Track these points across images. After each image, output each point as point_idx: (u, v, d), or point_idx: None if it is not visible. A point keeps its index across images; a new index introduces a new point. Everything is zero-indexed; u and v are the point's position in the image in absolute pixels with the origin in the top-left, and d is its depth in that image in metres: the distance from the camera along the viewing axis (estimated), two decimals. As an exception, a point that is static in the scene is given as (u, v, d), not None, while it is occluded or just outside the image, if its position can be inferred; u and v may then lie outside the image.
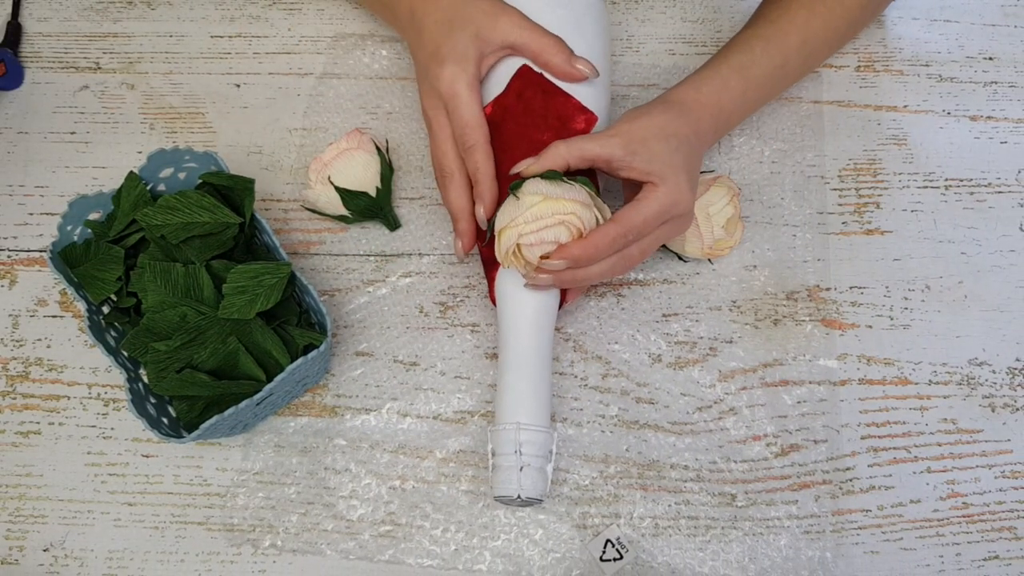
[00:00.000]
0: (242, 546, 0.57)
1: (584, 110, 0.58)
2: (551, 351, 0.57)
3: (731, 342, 0.62)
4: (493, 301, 0.59)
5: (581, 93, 0.59)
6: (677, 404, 0.60)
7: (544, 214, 0.52)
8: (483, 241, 0.59)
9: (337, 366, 0.62)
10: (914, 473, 0.58)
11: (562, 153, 0.53)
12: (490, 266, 0.59)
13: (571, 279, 0.54)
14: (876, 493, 0.58)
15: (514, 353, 0.55)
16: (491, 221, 0.55)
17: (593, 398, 0.60)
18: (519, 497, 0.52)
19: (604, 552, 0.56)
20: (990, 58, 0.71)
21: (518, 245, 0.54)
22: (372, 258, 0.65)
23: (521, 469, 0.53)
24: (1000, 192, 0.66)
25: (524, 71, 0.58)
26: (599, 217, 0.54)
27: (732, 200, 0.61)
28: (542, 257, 0.53)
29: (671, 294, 0.63)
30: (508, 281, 0.57)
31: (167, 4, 0.76)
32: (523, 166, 0.54)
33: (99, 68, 0.73)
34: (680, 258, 0.64)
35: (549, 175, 0.54)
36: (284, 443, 0.60)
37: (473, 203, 0.58)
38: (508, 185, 0.56)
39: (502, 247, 0.54)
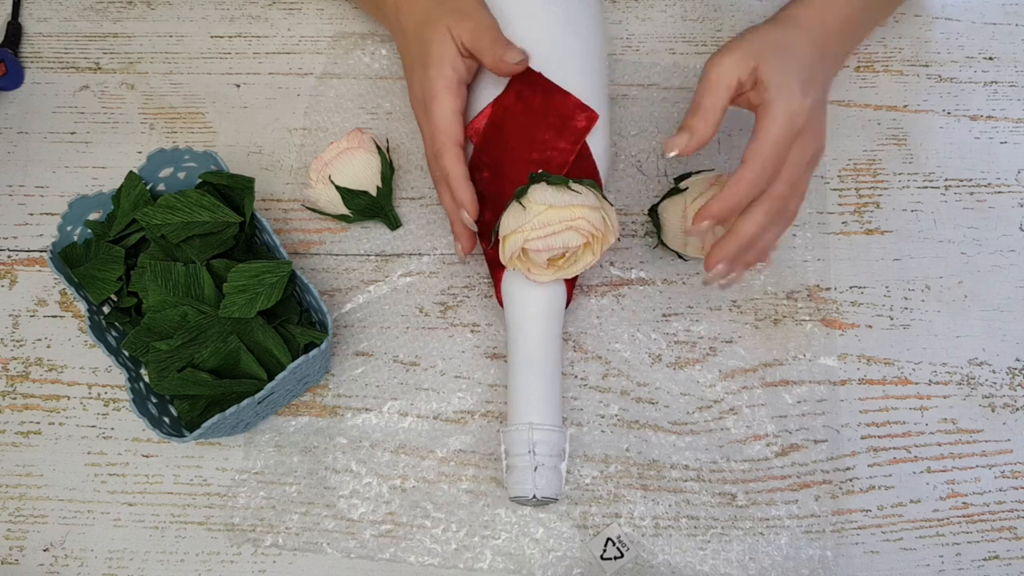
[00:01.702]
0: (242, 546, 0.57)
1: (584, 108, 0.58)
2: (560, 350, 0.57)
3: (731, 342, 0.62)
4: (500, 302, 0.59)
5: (580, 91, 0.59)
6: (677, 404, 0.60)
7: (551, 221, 0.52)
8: (488, 244, 0.59)
9: (337, 366, 0.62)
10: (914, 473, 0.58)
11: (706, 124, 0.51)
12: (496, 267, 0.59)
13: (734, 246, 0.51)
14: (876, 493, 0.58)
15: (524, 353, 0.55)
16: (495, 226, 0.55)
17: (593, 398, 0.60)
18: (534, 497, 0.53)
19: (605, 551, 0.56)
20: (990, 58, 0.71)
21: (523, 249, 0.54)
22: (372, 258, 0.65)
23: (535, 469, 0.53)
24: (1000, 192, 0.66)
25: (522, 71, 0.58)
26: (607, 219, 0.54)
27: None
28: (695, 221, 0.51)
29: (671, 294, 0.63)
30: (515, 282, 0.57)
31: (167, 4, 0.76)
32: (681, 143, 0.50)
33: (99, 68, 0.73)
34: (680, 256, 0.64)
35: (554, 180, 0.54)
36: (285, 442, 0.60)
37: (455, 206, 0.57)
38: (511, 187, 0.56)
39: (507, 251, 0.54)
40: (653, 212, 0.62)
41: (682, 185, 0.60)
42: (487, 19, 0.57)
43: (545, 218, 0.52)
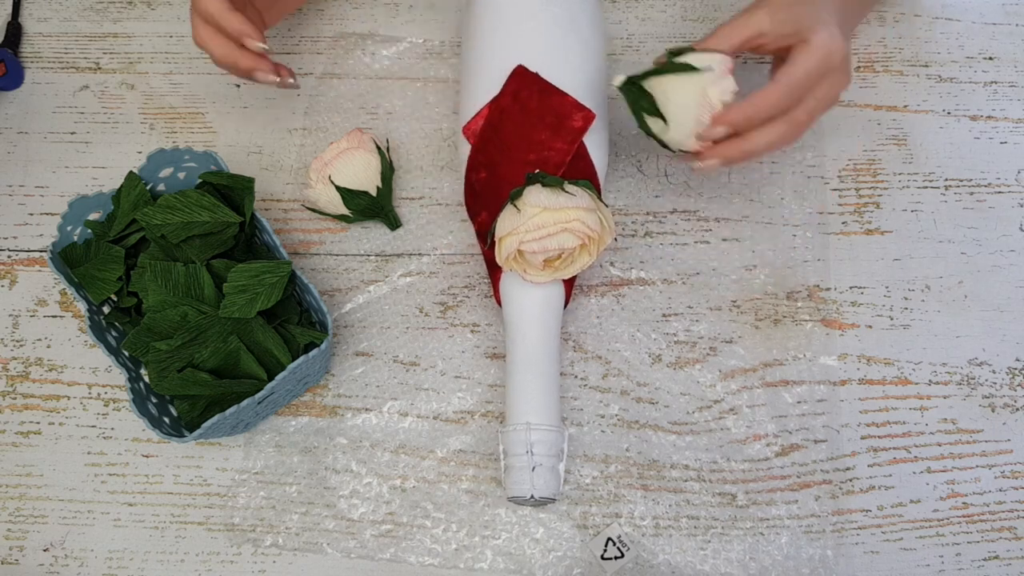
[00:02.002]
0: (242, 546, 0.57)
1: (581, 107, 0.58)
2: (559, 350, 0.57)
3: (731, 342, 0.62)
4: (499, 302, 0.59)
5: (579, 91, 0.59)
6: (677, 403, 0.60)
7: (546, 223, 0.52)
8: (485, 244, 0.59)
9: (337, 366, 0.62)
10: (914, 473, 0.58)
11: (727, 39, 0.53)
12: (494, 268, 0.59)
13: (739, 153, 0.52)
14: (876, 493, 0.58)
15: (522, 353, 0.55)
16: (492, 227, 0.55)
17: (593, 398, 0.60)
18: (532, 497, 0.53)
19: (605, 551, 0.56)
20: (990, 58, 0.71)
21: (519, 250, 0.54)
22: (372, 258, 0.65)
23: (533, 469, 0.53)
24: (1000, 192, 0.66)
25: (520, 71, 0.58)
26: (603, 220, 0.54)
27: (731, 88, 0.54)
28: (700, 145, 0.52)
29: (671, 294, 0.63)
30: (513, 282, 0.57)
31: (167, 4, 0.76)
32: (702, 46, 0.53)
33: (99, 68, 0.73)
34: (662, 144, 0.56)
35: (550, 182, 0.54)
36: (285, 442, 0.60)
37: (232, 45, 0.57)
38: (508, 187, 0.56)
39: (503, 253, 0.54)
40: (632, 86, 0.54)
41: (699, 64, 0.52)
42: None
43: (540, 220, 0.52)
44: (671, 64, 0.53)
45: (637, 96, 0.54)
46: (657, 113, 0.53)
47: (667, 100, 0.53)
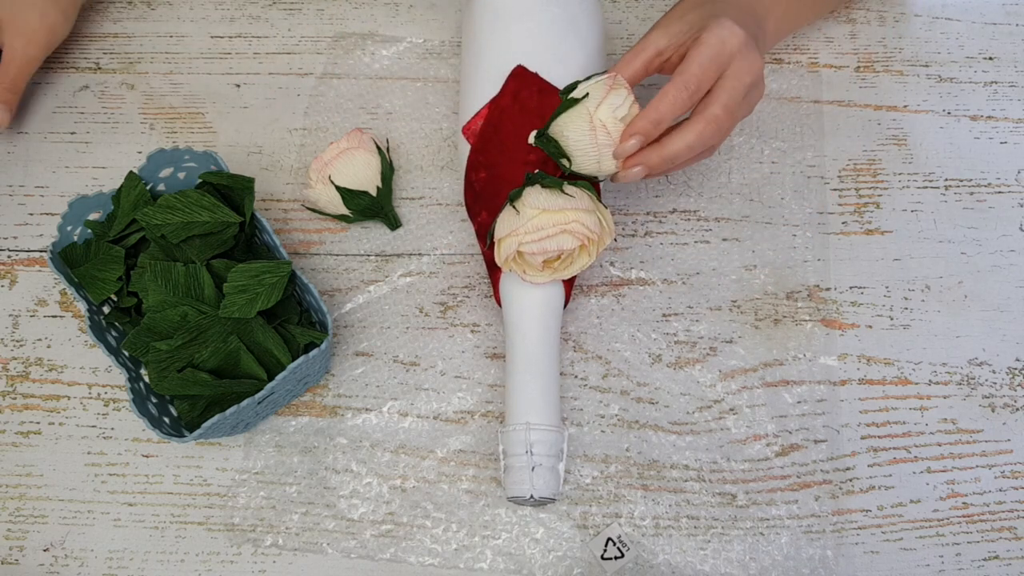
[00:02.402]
0: (243, 546, 0.57)
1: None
2: (558, 350, 0.57)
3: (731, 342, 0.62)
4: (499, 302, 0.59)
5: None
6: (677, 403, 0.60)
7: (545, 225, 0.52)
8: (485, 245, 0.59)
9: (337, 366, 0.62)
10: (914, 473, 0.58)
11: (629, 66, 0.53)
12: (494, 268, 0.59)
13: (660, 160, 0.52)
14: (876, 493, 0.58)
15: (522, 353, 0.55)
16: (491, 227, 0.55)
17: (593, 398, 0.60)
18: (532, 497, 0.53)
19: (605, 551, 0.56)
20: (990, 58, 0.71)
21: (519, 251, 0.54)
22: (372, 258, 0.65)
23: (533, 469, 0.53)
24: (1000, 192, 0.66)
25: (519, 71, 0.58)
26: (602, 221, 0.54)
27: (625, 101, 0.53)
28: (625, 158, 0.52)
29: (671, 294, 0.63)
30: (513, 282, 0.57)
31: (167, 4, 0.76)
32: (617, 69, 0.54)
33: (99, 68, 0.73)
34: (594, 180, 0.56)
35: (549, 183, 0.53)
36: (285, 443, 0.60)
37: None
38: (508, 187, 0.56)
39: (502, 254, 0.54)
40: (542, 138, 0.54)
41: (576, 95, 0.53)
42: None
43: (539, 222, 0.52)
44: (563, 102, 0.53)
45: (547, 145, 0.54)
46: (560, 155, 0.54)
47: (565, 138, 0.53)
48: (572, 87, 0.54)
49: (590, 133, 0.52)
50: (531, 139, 0.55)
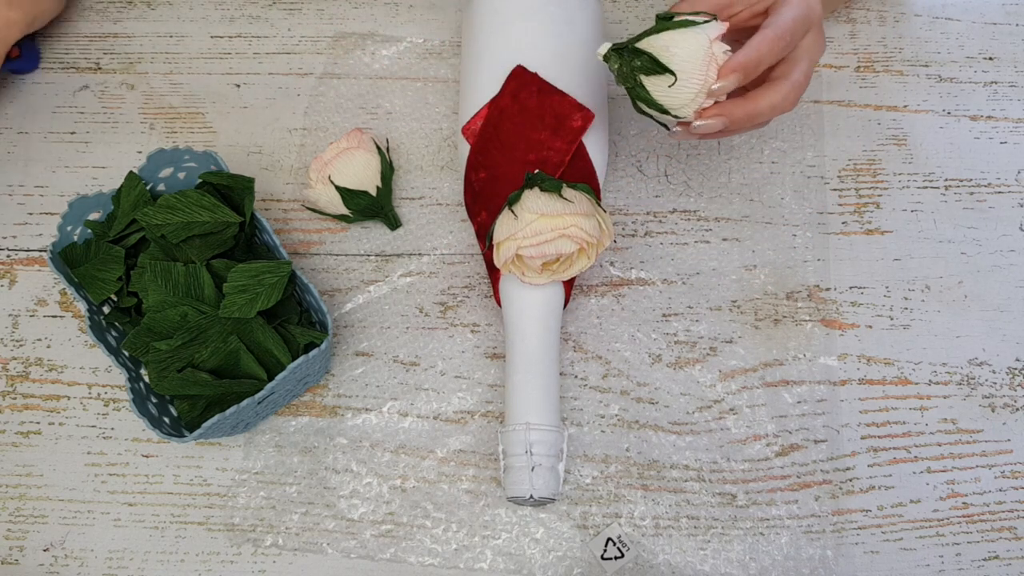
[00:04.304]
0: (242, 546, 0.57)
1: (580, 107, 0.58)
2: (558, 350, 0.57)
3: (731, 342, 0.62)
4: (499, 302, 0.59)
5: (578, 91, 0.59)
6: (677, 404, 0.60)
7: (543, 229, 0.52)
8: (484, 246, 0.59)
9: (337, 366, 0.62)
10: (914, 473, 0.58)
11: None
12: (493, 268, 0.59)
13: (744, 115, 0.50)
14: (876, 493, 0.58)
15: (521, 353, 0.55)
16: (491, 229, 0.55)
17: (593, 398, 0.60)
18: (531, 497, 0.53)
19: (605, 551, 0.56)
20: (990, 58, 0.71)
21: (517, 255, 0.54)
22: (372, 258, 0.65)
23: (532, 469, 0.53)
24: (1000, 192, 0.66)
25: (518, 71, 0.58)
26: (602, 224, 0.54)
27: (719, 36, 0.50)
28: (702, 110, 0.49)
29: (671, 294, 0.63)
30: (512, 283, 0.57)
31: (167, 4, 0.76)
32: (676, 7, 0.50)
33: (99, 68, 0.73)
34: (661, 115, 0.51)
35: (548, 186, 0.53)
36: (285, 443, 0.60)
37: None
38: (508, 188, 0.56)
39: (501, 257, 0.54)
40: (622, 51, 0.49)
41: (700, 19, 0.49)
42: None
43: (537, 227, 0.52)
44: (666, 23, 0.48)
45: (631, 58, 0.48)
46: (660, 70, 0.48)
47: (670, 55, 0.47)
48: (668, 16, 0.49)
49: (706, 61, 0.48)
50: (602, 50, 0.49)
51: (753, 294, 0.63)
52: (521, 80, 0.58)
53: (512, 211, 0.53)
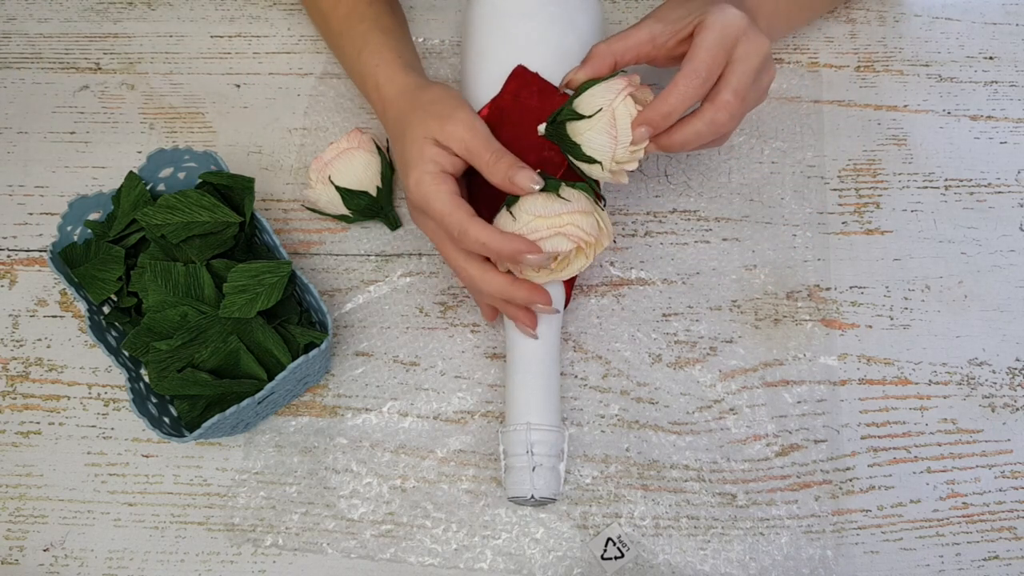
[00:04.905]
0: (243, 546, 0.57)
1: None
2: (559, 350, 0.57)
3: (731, 341, 0.62)
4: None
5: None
6: (677, 403, 0.60)
7: (539, 228, 0.52)
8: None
9: (337, 366, 0.62)
10: (914, 473, 0.58)
11: (604, 52, 0.52)
12: None
13: (668, 145, 0.51)
14: (876, 493, 0.58)
15: (521, 354, 0.55)
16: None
17: (593, 398, 0.60)
18: (532, 497, 0.53)
19: (605, 551, 0.56)
20: (990, 57, 0.71)
21: None
22: (372, 258, 0.65)
23: (533, 469, 0.53)
24: (1000, 192, 0.66)
25: (519, 72, 0.58)
26: (600, 223, 0.54)
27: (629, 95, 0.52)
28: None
29: (671, 293, 0.63)
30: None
31: (167, 4, 0.76)
32: (570, 75, 0.52)
33: (99, 68, 0.73)
34: (595, 188, 0.55)
35: (547, 187, 0.53)
36: (285, 443, 0.60)
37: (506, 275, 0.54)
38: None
39: None
40: (556, 129, 0.53)
41: (588, 109, 0.51)
42: (468, 118, 0.53)
43: (534, 225, 0.52)
44: (560, 103, 0.53)
45: (564, 144, 0.53)
46: (576, 117, 0.52)
47: (583, 134, 0.52)
48: (589, 85, 0.52)
49: (607, 113, 0.51)
50: (540, 130, 0.54)
51: (753, 294, 0.63)
52: (522, 80, 0.58)
53: (510, 212, 0.53)
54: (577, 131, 0.52)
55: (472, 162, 0.53)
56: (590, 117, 0.51)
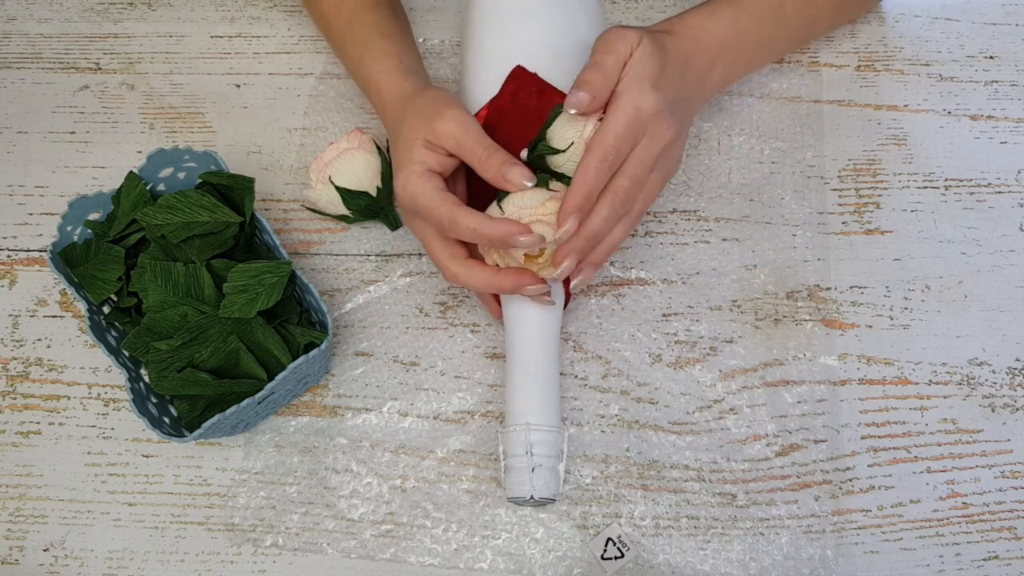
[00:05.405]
0: (242, 546, 0.57)
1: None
2: (558, 350, 0.57)
3: (731, 341, 0.62)
4: (498, 302, 0.59)
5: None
6: (677, 403, 0.60)
7: (522, 216, 0.52)
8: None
9: (337, 366, 0.62)
10: (914, 473, 0.58)
11: (600, 89, 0.51)
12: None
13: (586, 243, 0.51)
14: (876, 493, 0.58)
15: (521, 354, 0.55)
16: None
17: (593, 398, 0.60)
18: (532, 497, 0.53)
19: (605, 551, 0.56)
20: (991, 57, 0.71)
21: None
22: (372, 258, 0.65)
23: (533, 470, 0.53)
24: (1000, 192, 0.66)
25: (518, 72, 0.58)
26: None
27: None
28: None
29: (671, 293, 0.63)
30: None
31: (167, 4, 0.76)
32: (582, 101, 0.50)
33: (99, 68, 0.73)
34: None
35: (539, 182, 0.53)
36: (285, 442, 0.60)
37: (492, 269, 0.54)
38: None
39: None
40: (536, 161, 0.54)
41: (557, 124, 0.53)
42: (460, 115, 0.53)
43: (520, 215, 0.52)
44: (547, 147, 0.53)
45: (547, 171, 0.54)
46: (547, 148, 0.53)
47: (569, 172, 0.53)
48: (557, 111, 0.53)
49: (578, 127, 0.52)
50: (523, 156, 0.54)
51: (753, 294, 0.63)
52: (521, 80, 0.58)
53: (500, 206, 0.53)
54: (555, 163, 0.53)
55: (465, 159, 0.53)
56: (564, 151, 0.52)
